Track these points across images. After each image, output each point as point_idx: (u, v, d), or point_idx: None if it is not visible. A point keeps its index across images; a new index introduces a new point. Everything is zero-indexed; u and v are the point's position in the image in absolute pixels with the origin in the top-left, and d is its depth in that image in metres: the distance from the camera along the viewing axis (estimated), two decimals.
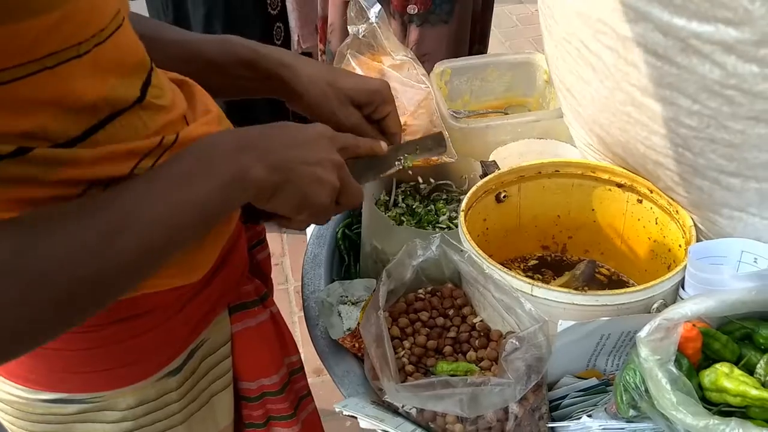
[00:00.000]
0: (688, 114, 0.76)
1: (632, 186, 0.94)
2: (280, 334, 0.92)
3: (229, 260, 0.80)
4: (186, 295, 0.73)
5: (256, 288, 0.88)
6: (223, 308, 0.82)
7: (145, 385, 0.74)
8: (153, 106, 0.64)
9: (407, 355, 0.84)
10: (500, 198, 0.99)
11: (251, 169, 0.62)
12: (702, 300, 0.70)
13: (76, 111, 0.57)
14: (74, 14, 0.53)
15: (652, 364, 0.66)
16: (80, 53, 0.55)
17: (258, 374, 0.88)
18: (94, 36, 0.55)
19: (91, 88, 0.57)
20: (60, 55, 0.53)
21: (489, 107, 1.26)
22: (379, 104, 0.86)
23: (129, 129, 0.62)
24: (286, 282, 2.39)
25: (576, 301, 0.78)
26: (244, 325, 0.85)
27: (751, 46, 0.67)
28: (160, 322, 0.72)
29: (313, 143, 0.69)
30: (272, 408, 0.91)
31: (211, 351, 0.82)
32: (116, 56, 0.59)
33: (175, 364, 0.76)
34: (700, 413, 0.63)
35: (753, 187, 0.76)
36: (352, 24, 1.13)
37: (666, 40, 0.73)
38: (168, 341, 0.74)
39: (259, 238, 0.95)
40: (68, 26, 0.53)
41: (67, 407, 0.73)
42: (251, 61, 0.81)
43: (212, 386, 0.84)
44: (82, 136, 0.58)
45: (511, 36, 3.62)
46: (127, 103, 0.61)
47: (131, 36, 0.63)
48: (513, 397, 0.75)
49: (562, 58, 0.96)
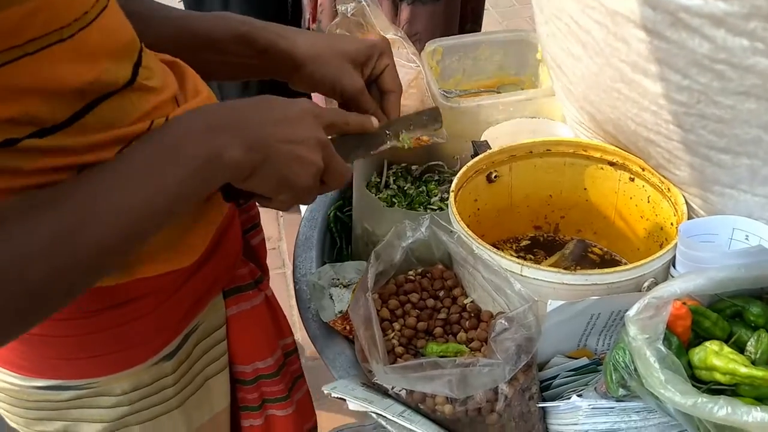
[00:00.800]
0: (678, 90, 0.75)
1: (624, 164, 0.93)
2: (275, 316, 0.92)
3: (223, 243, 0.79)
4: (180, 279, 0.73)
5: (251, 271, 0.87)
6: (218, 292, 0.82)
7: (140, 370, 0.74)
8: (143, 87, 0.63)
9: (397, 336, 0.84)
10: (491, 178, 0.98)
11: (226, 149, 0.59)
12: (691, 278, 0.70)
13: (62, 95, 0.56)
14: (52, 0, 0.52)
15: (641, 342, 0.66)
16: (63, 37, 0.53)
17: (253, 357, 0.87)
18: (77, 20, 0.54)
19: (78, 72, 0.56)
20: (41, 41, 0.52)
21: (481, 86, 1.25)
22: (377, 58, 0.83)
23: (118, 111, 0.61)
24: (283, 266, 2.39)
25: (566, 280, 0.77)
26: (238, 308, 0.85)
27: (740, 19, 0.66)
28: (154, 306, 0.71)
29: (296, 120, 0.66)
30: (267, 390, 0.91)
31: (206, 334, 0.82)
32: (103, 39, 0.58)
33: (169, 349, 0.76)
34: (688, 391, 0.62)
35: (744, 163, 0.75)
36: (341, 2, 1.11)
37: (655, 14, 0.72)
38: (162, 326, 0.74)
39: (253, 222, 0.94)
40: (49, 11, 0.52)
41: (61, 393, 0.72)
42: (246, 34, 0.78)
43: (207, 370, 0.83)
44: (70, 119, 0.57)
45: (508, 16, 3.59)
46: (118, 86, 0.60)
47: (118, 17, 0.61)
48: (502, 378, 0.74)
49: (552, 35, 0.94)
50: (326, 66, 0.80)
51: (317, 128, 0.68)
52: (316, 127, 0.68)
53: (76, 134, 0.58)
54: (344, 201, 1.14)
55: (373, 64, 0.83)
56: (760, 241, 0.79)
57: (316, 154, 0.67)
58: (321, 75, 0.80)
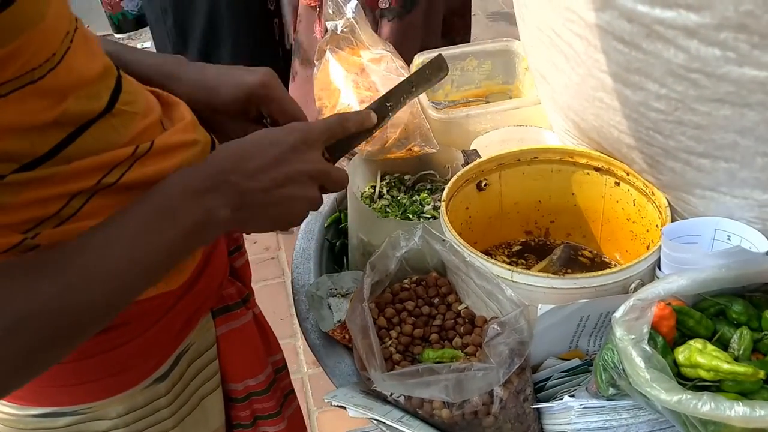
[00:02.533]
0: (656, 98, 0.77)
1: (609, 169, 0.96)
2: (264, 333, 0.93)
3: (210, 264, 0.80)
4: (168, 301, 0.74)
5: (238, 290, 0.88)
6: (206, 312, 0.83)
7: (134, 393, 0.74)
8: (125, 113, 0.64)
9: (394, 344, 0.86)
10: (481, 186, 1.00)
11: (216, 211, 0.62)
12: (674, 279, 0.72)
13: (37, 131, 0.57)
14: (27, 45, 0.53)
15: (627, 343, 0.68)
16: (34, 79, 0.55)
17: (244, 375, 0.89)
18: (47, 61, 0.55)
19: (48, 108, 0.57)
20: (14, 83, 0.53)
21: (470, 96, 1.28)
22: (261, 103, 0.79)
23: (101, 140, 0.62)
24: (282, 275, 2.41)
25: (555, 285, 0.80)
26: (228, 327, 0.86)
27: (712, 30, 0.69)
28: (144, 329, 0.72)
29: (286, 157, 0.67)
30: (259, 408, 0.92)
31: (198, 354, 0.83)
32: (70, 76, 0.59)
33: (162, 370, 0.76)
34: (673, 389, 0.65)
35: (722, 167, 0.78)
36: (330, 20, 1.14)
37: (631, 26, 0.75)
38: (153, 348, 0.75)
39: (236, 245, 0.94)
40: (21, 57, 0.53)
41: (57, 420, 0.73)
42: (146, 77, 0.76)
43: (201, 389, 0.84)
44: (51, 152, 0.58)
45: (498, 20, 3.62)
46: (93, 114, 0.61)
47: (86, 50, 0.62)
48: (497, 381, 0.77)
49: (536, 46, 0.97)
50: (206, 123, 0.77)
51: (309, 158, 0.69)
52: (308, 158, 0.69)
53: (60, 164, 0.59)
54: (340, 213, 1.16)
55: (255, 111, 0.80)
56: (741, 240, 0.81)
57: (305, 188, 0.68)
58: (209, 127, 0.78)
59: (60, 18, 0.57)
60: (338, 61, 1.12)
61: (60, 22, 0.57)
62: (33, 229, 0.59)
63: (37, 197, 0.58)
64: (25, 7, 0.51)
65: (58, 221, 0.61)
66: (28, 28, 0.52)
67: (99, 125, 0.62)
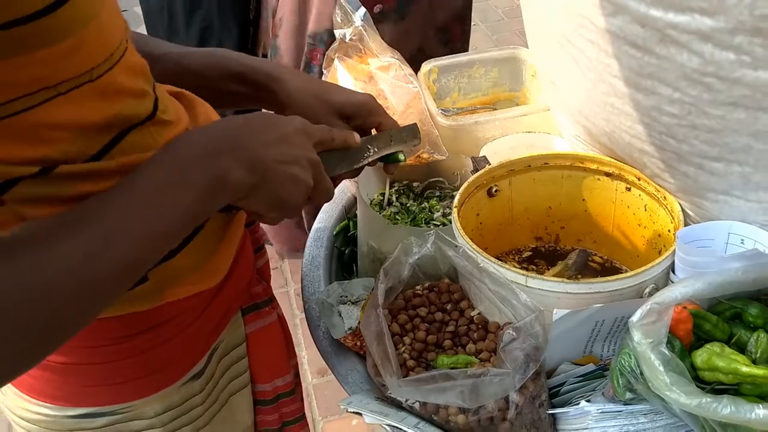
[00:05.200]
0: (669, 102, 0.78)
1: (620, 174, 0.96)
2: (287, 336, 0.95)
3: (240, 262, 0.82)
4: (206, 299, 0.76)
5: (264, 289, 0.90)
6: (237, 310, 0.85)
7: (171, 391, 0.76)
8: (161, 121, 0.66)
9: (408, 350, 0.86)
10: (492, 192, 1.00)
11: (230, 171, 0.62)
12: (690, 283, 0.72)
13: (92, 131, 0.58)
14: (85, 41, 0.54)
15: (645, 347, 0.68)
16: (93, 78, 0.56)
17: (272, 375, 0.90)
18: (105, 61, 0.57)
19: (105, 109, 0.59)
20: (74, 81, 0.55)
21: (478, 103, 1.28)
22: (366, 116, 0.86)
23: (140, 145, 0.63)
24: (286, 285, 2.41)
25: (569, 289, 0.80)
26: (256, 325, 0.87)
27: (726, 34, 0.69)
28: (183, 327, 0.74)
29: (290, 139, 0.69)
30: (286, 411, 0.93)
31: (227, 351, 0.84)
32: (126, 78, 0.60)
33: (198, 368, 0.78)
34: (693, 392, 0.65)
35: (736, 170, 0.78)
36: (339, 28, 1.14)
37: (644, 31, 0.75)
38: (191, 345, 0.76)
39: (258, 244, 0.96)
40: (80, 53, 0.54)
41: (95, 421, 0.74)
42: (240, 74, 0.82)
43: (230, 386, 0.86)
44: (98, 154, 0.60)
45: (498, 29, 3.64)
46: (140, 119, 0.63)
47: (136, 56, 0.64)
48: (512, 386, 0.77)
49: (545, 52, 0.98)
50: (314, 115, 0.83)
51: (309, 147, 0.71)
52: (308, 146, 0.71)
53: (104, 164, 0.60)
54: (349, 221, 1.16)
55: (360, 121, 0.86)
56: (755, 244, 0.81)
57: (307, 173, 0.70)
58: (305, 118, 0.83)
59: (115, 18, 0.59)
60: (346, 69, 1.13)
61: (115, 22, 0.59)
62: None
63: (88, 191, 0.59)
64: (82, 3, 0.53)
65: None
66: (85, 24, 0.53)
67: (140, 130, 0.63)
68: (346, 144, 0.80)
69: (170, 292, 0.69)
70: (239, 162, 0.63)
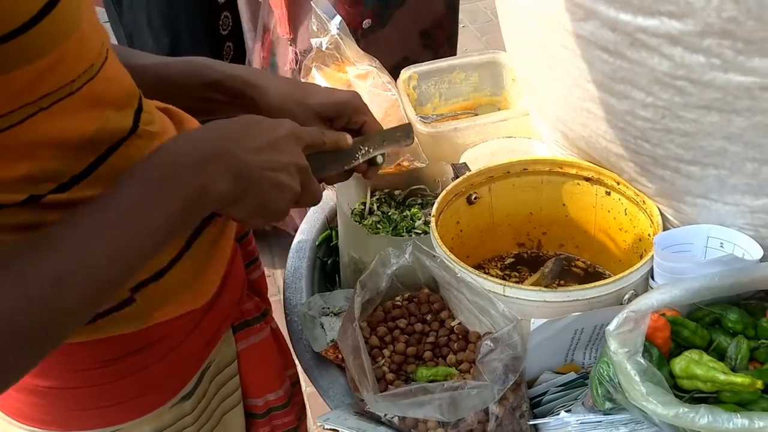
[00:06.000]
0: (642, 106, 0.77)
1: (599, 179, 0.95)
2: (281, 348, 0.94)
3: (230, 279, 0.80)
4: (194, 319, 0.74)
5: (257, 305, 0.89)
6: (227, 328, 0.83)
7: (162, 412, 0.74)
8: (146, 133, 0.64)
9: (387, 363, 0.85)
10: (471, 200, 1.00)
11: (213, 182, 0.60)
12: (667, 289, 0.71)
13: (75, 148, 0.57)
14: (66, 54, 0.53)
15: (621, 356, 0.67)
16: (73, 90, 0.55)
17: (264, 390, 0.89)
18: (86, 71, 0.56)
19: (87, 122, 0.57)
20: (55, 95, 0.54)
21: (458, 109, 1.27)
22: (350, 115, 0.84)
23: (129, 160, 0.62)
24: (279, 293, 2.39)
25: (547, 298, 0.79)
26: (248, 342, 0.86)
27: (695, 37, 0.68)
28: (171, 348, 0.72)
29: (279, 144, 0.67)
30: (278, 423, 0.92)
31: (219, 370, 0.83)
32: (107, 88, 0.59)
33: (188, 388, 0.76)
34: (670, 402, 0.64)
35: (712, 174, 0.77)
36: (315, 37, 1.13)
37: (615, 35, 0.74)
38: (181, 366, 0.75)
39: (251, 257, 0.95)
40: (61, 66, 0.53)
41: None
42: (217, 81, 0.80)
43: (222, 405, 0.85)
44: (85, 172, 0.59)
45: (487, 31, 3.62)
46: (124, 133, 0.61)
47: (117, 66, 0.63)
48: (492, 398, 0.76)
49: (522, 58, 0.97)
50: (292, 118, 0.78)
51: (298, 152, 0.69)
52: (297, 151, 0.69)
53: (92, 186, 0.59)
54: (331, 231, 1.15)
55: (345, 120, 0.84)
56: (734, 247, 0.80)
57: (294, 179, 0.68)
58: None
59: (94, 27, 0.58)
60: (324, 78, 1.12)
61: (95, 32, 0.58)
62: None
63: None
64: (62, 17, 0.51)
65: None
66: (66, 37, 0.52)
67: (127, 145, 0.62)
68: (337, 146, 0.79)
69: (158, 313, 0.68)
70: (224, 171, 0.60)
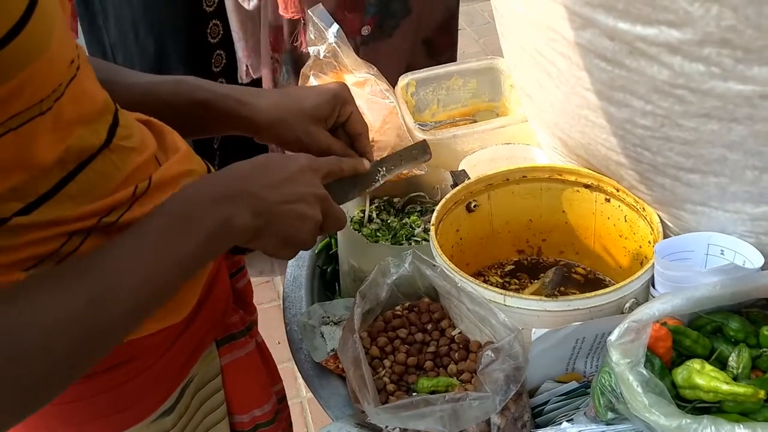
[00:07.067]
0: (642, 115, 0.76)
1: (599, 186, 0.95)
2: (267, 362, 0.93)
3: (212, 294, 0.80)
4: (172, 334, 0.74)
5: (242, 318, 0.88)
6: (211, 342, 0.82)
7: (141, 428, 0.74)
8: (122, 148, 0.64)
9: (388, 374, 0.84)
10: (471, 207, 0.99)
11: (234, 218, 0.63)
12: (669, 299, 0.71)
13: (44, 169, 0.57)
14: (35, 75, 0.53)
15: (623, 367, 0.67)
16: (43, 110, 0.55)
17: (250, 406, 0.88)
18: (54, 91, 0.56)
19: (56, 141, 0.57)
20: (23, 116, 0.53)
21: (457, 115, 1.27)
22: (340, 107, 0.85)
23: (102, 176, 0.62)
24: (278, 298, 2.38)
25: (548, 307, 0.79)
26: (232, 356, 0.85)
27: (694, 46, 0.68)
28: (149, 364, 0.72)
29: (295, 178, 0.69)
30: None
31: (202, 385, 0.82)
32: (76, 105, 0.59)
33: (168, 404, 0.76)
34: (672, 413, 0.63)
35: (712, 181, 0.77)
36: (312, 45, 1.13)
37: (613, 44, 0.74)
38: (159, 382, 0.74)
39: (237, 267, 0.94)
40: (30, 87, 0.53)
41: None
42: (207, 101, 0.80)
43: (207, 420, 0.84)
44: (53, 190, 0.58)
45: (485, 33, 3.62)
46: (93, 150, 0.61)
47: (88, 82, 0.63)
48: (493, 409, 0.75)
49: (519, 65, 0.96)
50: (290, 129, 0.82)
51: (315, 182, 0.72)
52: (314, 182, 0.71)
53: (60, 205, 0.59)
54: (330, 239, 1.15)
55: (336, 115, 0.85)
56: (735, 255, 0.80)
57: (315, 209, 0.70)
58: (286, 138, 0.82)
59: (64, 45, 0.57)
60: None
61: (64, 50, 0.58)
62: (34, 267, 0.59)
63: (39, 237, 0.59)
64: (31, 38, 0.51)
65: (58, 258, 0.61)
66: (34, 58, 0.52)
67: (98, 161, 0.62)
68: (355, 172, 0.81)
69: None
70: (245, 207, 0.64)
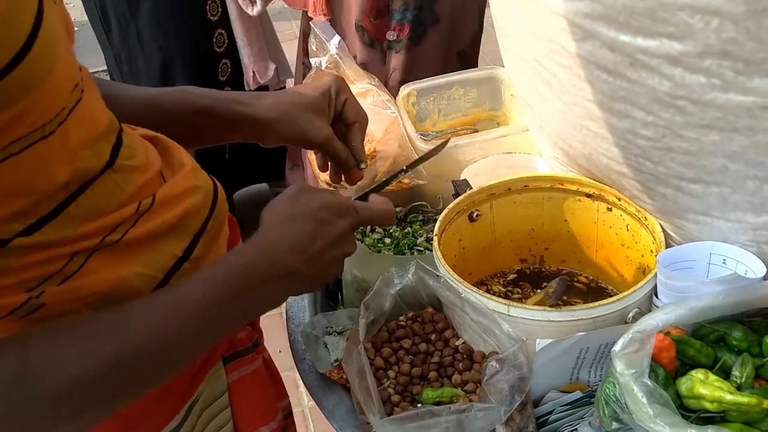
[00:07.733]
0: (643, 125, 0.77)
1: (601, 195, 0.95)
2: (274, 379, 0.92)
3: None
4: None
5: (248, 335, 0.87)
6: (218, 360, 0.82)
7: None
8: (126, 168, 0.64)
9: (393, 384, 0.85)
10: (473, 217, 1.00)
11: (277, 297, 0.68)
12: (672, 309, 0.71)
13: (46, 191, 0.57)
14: (39, 100, 0.53)
15: (628, 378, 0.67)
16: (45, 134, 0.55)
17: (257, 423, 0.87)
18: (57, 115, 0.56)
19: (65, 165, 0.57)
20: (25, 140, 0.53)
21: (458, 124, 1.27)
22: (336, 96, 0.86)
23: (104, 196, 0.62)
24: (280, 308, 2.38)
25: (552, 317, 0.79)
26: (239, 373, 0.84)
27: (695, 58, 0.68)
28: None
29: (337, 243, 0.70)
30: None
31: (209, 403, 0.81)
32: (80, 129, 0.59)
33: (175, 422, 0.75)
34: (677, 424, 0.64)
35: (714, 191, 0.77)
36: (314, 56, 1.14)
37: (614, 56, 0.74)
38: (165, 401, 0.74)
39: None
40: (33, 113, 0.53)
41: None
42: (208, 108, 0.81)
43: None
44: (54, 211, 0.58)
45: (484, 41, 3.61)
46: (96, 171, 0.61)
47: (94, 104, 0.63)
48: (498, 420, 0.76)
49: (520, 76, 0.97)
50: (293, 123, 0.83)
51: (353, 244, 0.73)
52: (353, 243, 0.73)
53: (62, 226, 0.59)
54: None
55: (333, 104, 0.86)
56: (737, 264, 0.81)
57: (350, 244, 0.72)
58: (289, 132, 0.83)
59: (68, 70, 0.57)
60: None
61: (68, 74, 0.58)
62: (37, 287, 0.59)
63: (41, 258, 0.58)
64: (35, 64, 0.51)
65: (62, 278, 0.60)
66: (38, 84, 0.52)
67: (101, 181, 0.62)
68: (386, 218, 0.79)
69: None
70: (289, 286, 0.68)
